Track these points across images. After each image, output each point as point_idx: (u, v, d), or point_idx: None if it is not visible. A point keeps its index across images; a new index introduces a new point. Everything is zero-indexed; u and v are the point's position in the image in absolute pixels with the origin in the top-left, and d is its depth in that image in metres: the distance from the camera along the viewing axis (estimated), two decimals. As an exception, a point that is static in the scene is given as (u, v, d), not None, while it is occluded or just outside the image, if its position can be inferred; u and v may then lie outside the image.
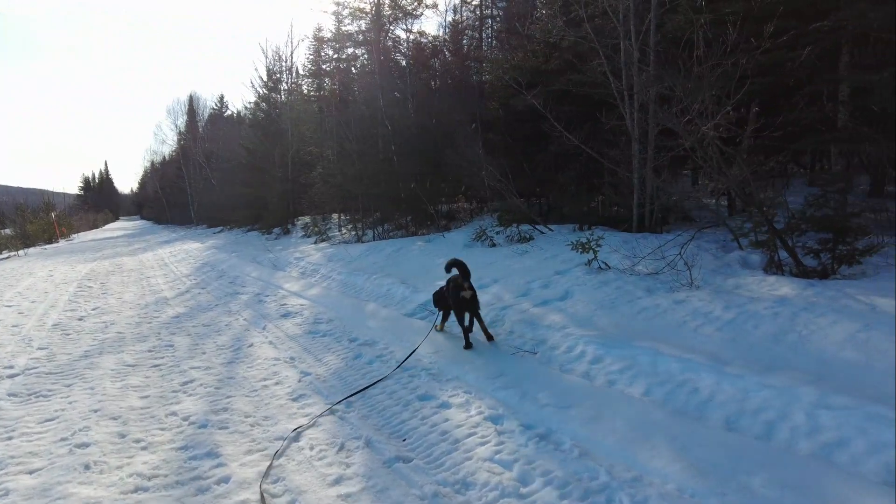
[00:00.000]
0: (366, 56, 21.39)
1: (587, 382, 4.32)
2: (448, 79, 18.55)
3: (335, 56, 24.53)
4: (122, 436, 3.84)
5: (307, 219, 24.83)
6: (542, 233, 10.10)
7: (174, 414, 4.23)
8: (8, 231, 32.37)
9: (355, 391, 4.42)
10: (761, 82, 6.61)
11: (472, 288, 5.53)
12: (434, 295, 6.24)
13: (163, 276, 12.78)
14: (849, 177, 7.12)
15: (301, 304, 8.10)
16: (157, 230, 43.58)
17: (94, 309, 8.86)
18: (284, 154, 23.86)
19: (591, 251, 7.12)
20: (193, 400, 4.51)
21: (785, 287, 5.43)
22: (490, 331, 5.64)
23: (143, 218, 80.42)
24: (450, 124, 14.76)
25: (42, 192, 72.75)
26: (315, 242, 17.44)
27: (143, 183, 77.00)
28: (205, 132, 44.51)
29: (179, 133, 48.93)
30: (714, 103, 6.40)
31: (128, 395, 4.70)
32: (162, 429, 3.96)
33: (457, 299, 5.50)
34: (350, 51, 24.27)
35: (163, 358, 5.83)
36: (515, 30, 17.57)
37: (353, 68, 21.96)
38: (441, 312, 6.13)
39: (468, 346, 5.36)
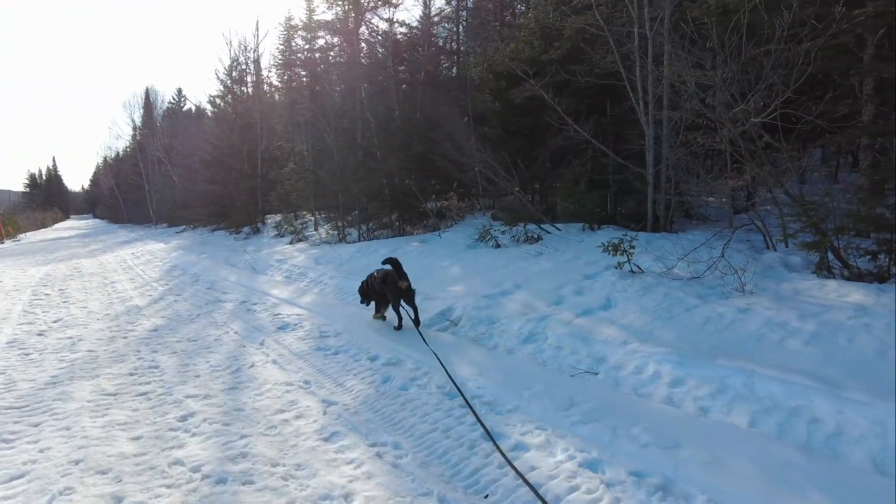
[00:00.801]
0: (341, 46, 20.44)
1: (676, 410, 3.69)
2: (420, 72, 17.80)
3: (307, 46, 23.42)
4: (118, 500, 2.99)
5: (278, 217, 23.71)
6: (549, 232, 9.49)
7: (179, 463, 3.39)
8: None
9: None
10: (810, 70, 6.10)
11: (407, 280, 6.22)
12: (360, 288, 6.95)
13: (129, 281, 11.64)
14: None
15: (298, 314, 7.25)
16: (114, 229, 41.29)
17: (55, 321, 7.79)
18: (253, 149, 22.65)
19: (624, 253, 6.53)
20: (200, 442, 3.68)
21: (855, 293, 4.94)
22: (534, 347, 5.02)
23: (96, 216, 76.76)
24: (437, 118, 14.03)
25: (-16, 190, 68.62)
26: (291, 243, 16.45)
27: (97, 180, 73.54)
28: (163, 127, 42.45)
29: (136, 128, 46.58)
30: (765, 94, 5.89)
31: (115, 436, 3.82)
32: (168, 486, 3.13)
33: (395, 290, 6.19)
34: (322, 41, 23.25)
35: (149, 383, 4.93)
36: (502, 20, 17.00)
37: (328, 58, 20.90)
38: (374, 303, 6.85)
39: (399, 327, 6.20)
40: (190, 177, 31.13)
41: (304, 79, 22.33)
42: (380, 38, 17.70)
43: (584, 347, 4.78)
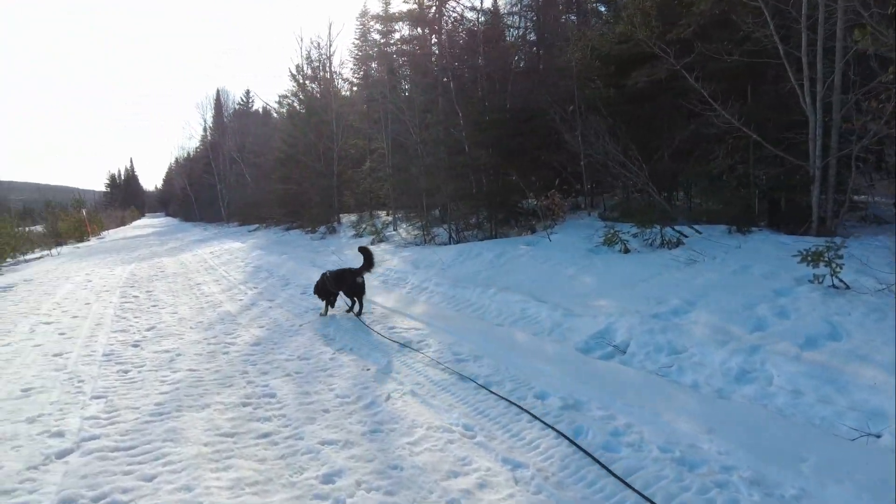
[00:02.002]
0: (419, 38, 19.61)
1: None
2: (509, 61, 16.64)
3: (382, 41, 22.80)
4: None
5: (353, 217, 23.21)
6: (687, 235, 8.19)
7: (348, 562, 2.43)
8: (39, 228, 31.33)
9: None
10: None
11: (363, 277, 7.34)
12: (316, 286, 7.66)
13: (215, 283, 11.10)
14: None
15: (417, 329, 6.29)
16: (187, 228, 42.27)
17: (148, 329, 7.17)
18: (329, 147, 22.15)
19: (828, 264, 5.21)
20: (364, 523, 2.72)
21: None
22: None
23: (168, 215, 79.75)
24: (532, 108, 12.90)
25: (71, 190, 72.46)
26: (372, 243, 15.70)
27: (169, 179, 76.47)
28: (232, 127, 43.16)
29: (207, 128, 47.84)
30: None
31: (249, 505, 2.92)
32: None
33: (354, 284, 7.26)
34: (398, 35, 22.59)
35: (269, 419, 4.05)
36: (579, 6, 15.74)
37: (406, 50, 20.12)
38: (327, 300, 7.55)
39: (326, 312, 7.44)
40: (261, 175, 31.19)
41: (381, 73, 21.70)
42: (467, 26, 16.71)
43: (838, 395, 3.55)
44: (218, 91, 48.39)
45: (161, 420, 4.07)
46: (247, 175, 34.28)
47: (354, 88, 25.99)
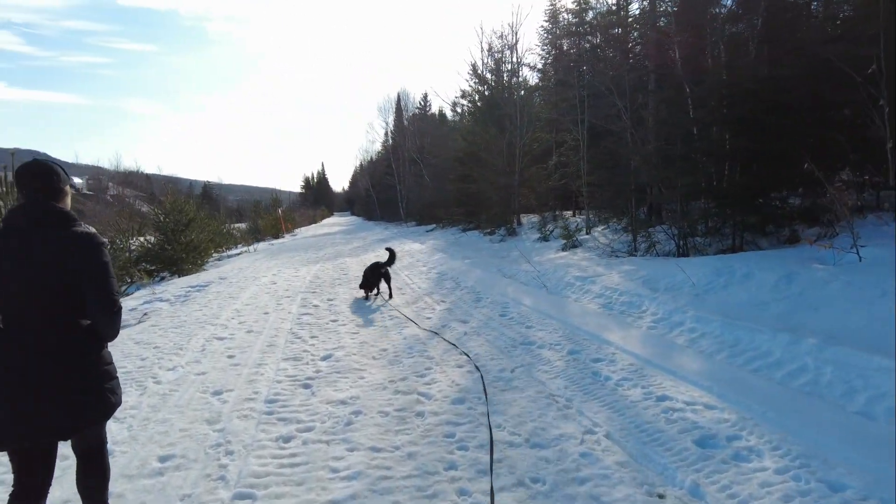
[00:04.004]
0: (619, 18, 16.84)
1: None
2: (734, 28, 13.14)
3: (576, 20, 20.35)
4: None
5: (533, 217, 21.19)
6: None
7: None
8: (243, 225, 34.31)
9: None
10: None
11: (386, 268, 9.47)
12: (364, 281, 9.42)
13: (398, 293, 9.66)
14: None
15: (711, 409, 3.88)
16: (369, 226, 43.77)
17: (324, 359, 5.74)
18: (512, 143, 20.33)
19: None
20: None
21: None
22: None
23: (353, 214, 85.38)
24: (798, 76, 9.59)
25: (272, 191, 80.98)
26: (564, 248, 13.49)
27: (354, 181, 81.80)
28: (412, 130, 43.78)
29: (388, 131, 49.44)
30: None
31: None
32: None
33: (385, 274, 9.37)
34: (591, 14, 20.00)
35: None
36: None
37: (614, 20, 17.47)
38: (377, 288, 9.53)
39: (391, 297, 9.30)
40: (438, 175, 30.83)
41: (577, 55, 19.30)
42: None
43: None
44: (399, 95, 49.65)
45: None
46: (425, 175, 34.17)
47: (538, 78, 23.86)
